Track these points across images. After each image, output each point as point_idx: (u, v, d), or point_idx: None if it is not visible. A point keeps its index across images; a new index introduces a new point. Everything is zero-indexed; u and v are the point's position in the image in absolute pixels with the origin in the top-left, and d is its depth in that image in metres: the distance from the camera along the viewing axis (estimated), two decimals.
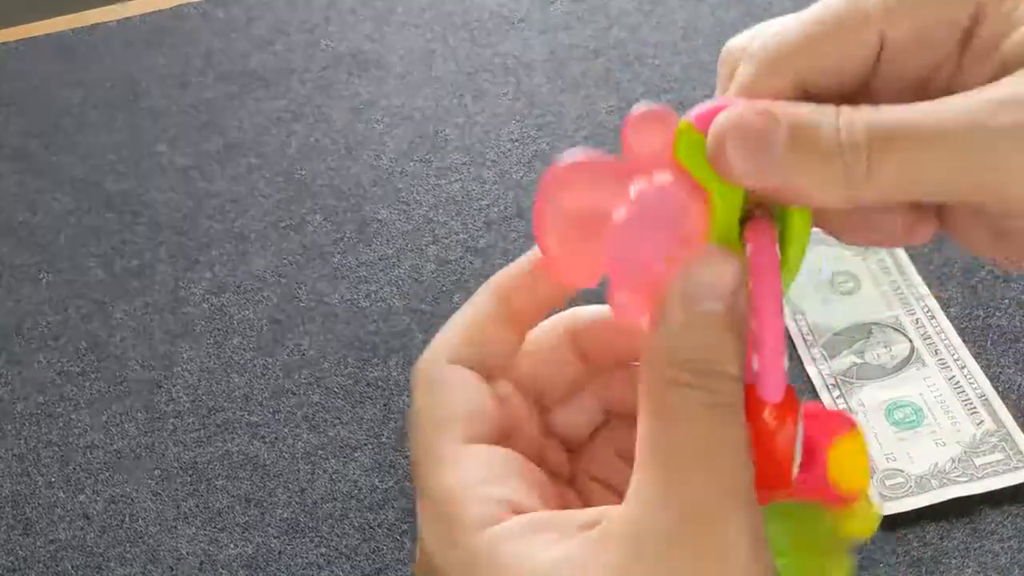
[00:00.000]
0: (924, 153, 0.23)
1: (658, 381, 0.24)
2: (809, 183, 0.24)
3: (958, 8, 0.25)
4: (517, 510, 0.26)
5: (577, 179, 0.26)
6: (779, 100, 0.26)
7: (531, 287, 0.30)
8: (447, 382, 0.28)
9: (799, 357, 0.63)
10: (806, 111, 0.24)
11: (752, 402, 0.25)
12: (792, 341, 0.63)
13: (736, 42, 0.29)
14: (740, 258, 0.25)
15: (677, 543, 0.23)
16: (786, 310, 0.62)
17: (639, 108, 0.26)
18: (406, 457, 0.62)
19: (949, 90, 0.24)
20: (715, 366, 0.24)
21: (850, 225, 0.27)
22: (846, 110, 0.24)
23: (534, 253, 0.30)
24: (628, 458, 0.25)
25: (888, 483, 0.56)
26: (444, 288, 0.71)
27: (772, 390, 0.25)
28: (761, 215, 0.26)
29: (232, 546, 0.59)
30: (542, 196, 0.26)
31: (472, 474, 0.26)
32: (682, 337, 0.24)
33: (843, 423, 0.29)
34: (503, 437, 0.28)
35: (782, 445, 0.26)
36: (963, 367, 0.60)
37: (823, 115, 0.24)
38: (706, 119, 0.25)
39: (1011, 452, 0.56)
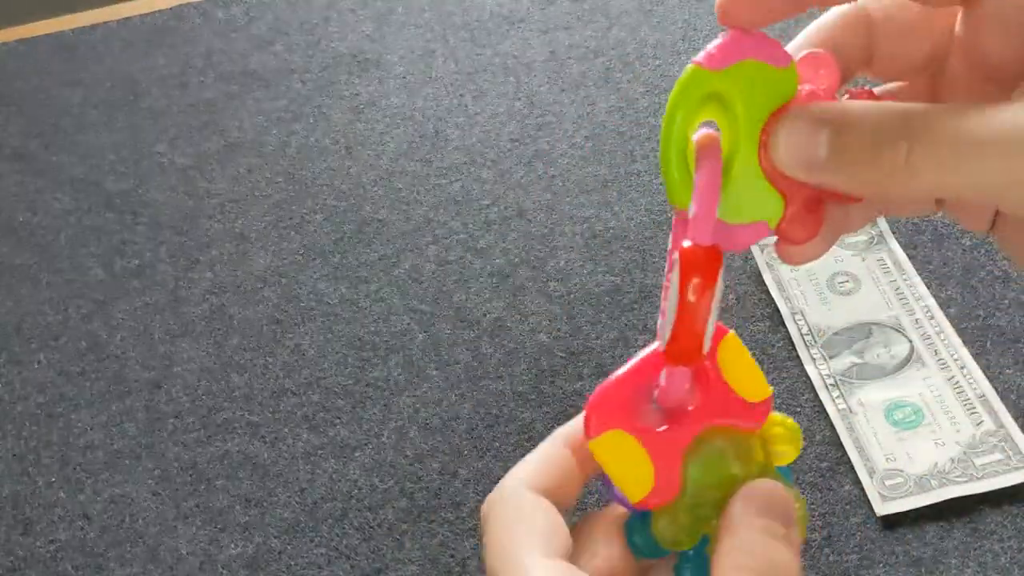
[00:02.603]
0: (963, 160, 0.24)
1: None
2: (848, 182, 0.26)
3: None
4: None
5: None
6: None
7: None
8: (530, 505, 0.31)
9: (798, 357, 0.63)
10: (853, 111, 0.25)
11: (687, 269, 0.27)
12: (792, 341, 0.64)
13: None
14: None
15: None
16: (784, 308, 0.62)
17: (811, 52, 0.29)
18: (405, 457, 0.62)
19: None
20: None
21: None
22: (891, 110, 0.25)
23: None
24: None
25: (888, 483, 0.56)
26: (444, 288, 0.71)
27: (702, 233, 0.27)
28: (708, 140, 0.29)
29: (232, 546, 0.59)
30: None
31: None
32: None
33: (717, 332, 0.31)
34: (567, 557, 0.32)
35: (701, 313, 0.27)
36: (963, 367, 0.60)
37: (867, 115, 0.25)
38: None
39: (1011, 452, 0.56)
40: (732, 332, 0.31)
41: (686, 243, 0.27)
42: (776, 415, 0.31)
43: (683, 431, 0.30)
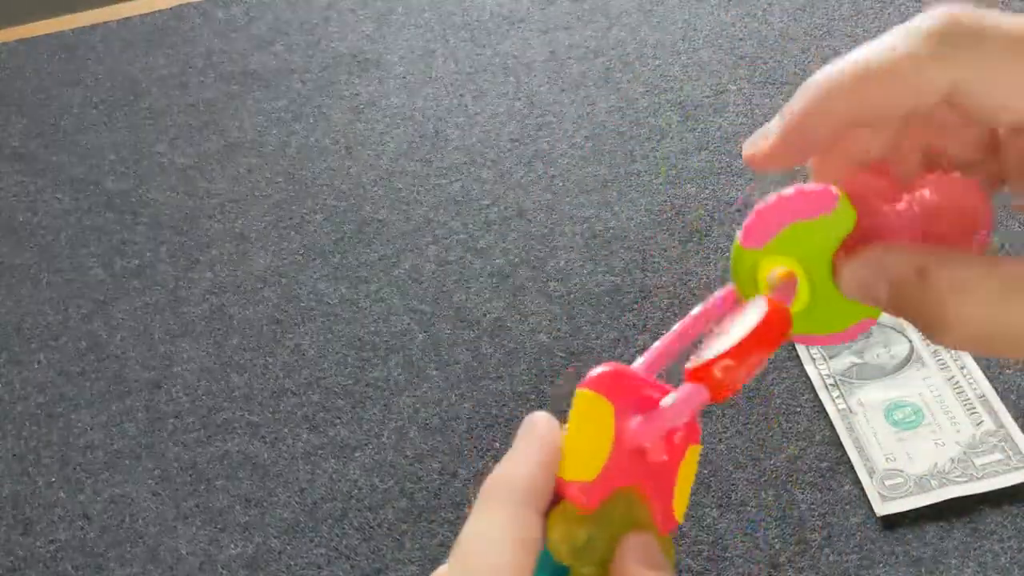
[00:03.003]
0: (1009, 317, 0.25)
1: None
2: (905, 317, 0.27)
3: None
4: None
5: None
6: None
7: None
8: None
9: (798, 357, 0.63)
10: (906, 266, 0.27)
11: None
12: (792, 341, 0.63)
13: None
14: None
15: None
16: None
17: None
18: (405, 457, 0.62)
19: None
20: None
21: None
22: (944, 267, 0.27)
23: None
24: None
25: (888, 483, 0.56)
26: (444, 288, 0.71)
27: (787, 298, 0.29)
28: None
29: (232, 546, 0.59)
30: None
31: None
32: None
33: (696, 433, 0.31)
34: None
35: (761, 360, 0.28)
36: (962, 367, 0.60)
37: (922, 270, 0.27)
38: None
39: (1011, 452, 0.56)
40: (700, 446, 0.31)
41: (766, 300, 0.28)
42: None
43: (641, 468, 0.29)
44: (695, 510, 0.57)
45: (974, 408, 0.58)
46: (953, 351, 0.61)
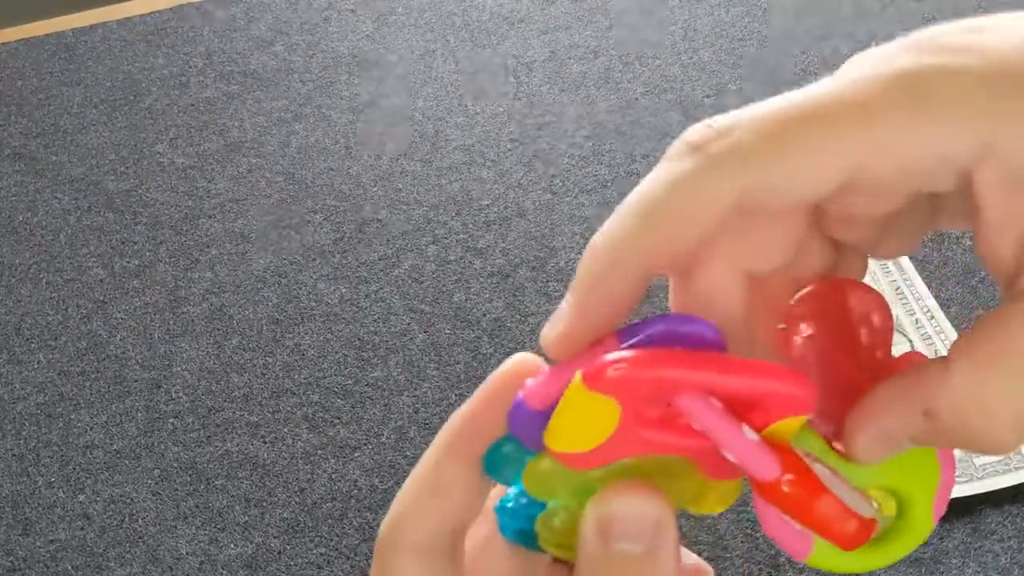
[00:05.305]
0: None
1: None
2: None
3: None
4: None
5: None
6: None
7: (481, 423, 0.27)
8: None
9: None
10: (909, 423, 0.24)
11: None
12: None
13: None
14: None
15: None
16: None
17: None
18: (405, 457, 0.62)
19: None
20: None
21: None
22: (932, 399, 0.24)
23: (482, 396, 0.27)
24: None
25: None
26: (444, 288, 0.71)
27: (762, 470, 0.23)
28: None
29: (232, 546, 0.59)
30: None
31: None
32: (600, 573, 0.23)
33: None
34: None
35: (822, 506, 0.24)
36: None
37: (914, 419, 0.24)
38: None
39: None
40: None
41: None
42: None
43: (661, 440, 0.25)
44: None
45: None
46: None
